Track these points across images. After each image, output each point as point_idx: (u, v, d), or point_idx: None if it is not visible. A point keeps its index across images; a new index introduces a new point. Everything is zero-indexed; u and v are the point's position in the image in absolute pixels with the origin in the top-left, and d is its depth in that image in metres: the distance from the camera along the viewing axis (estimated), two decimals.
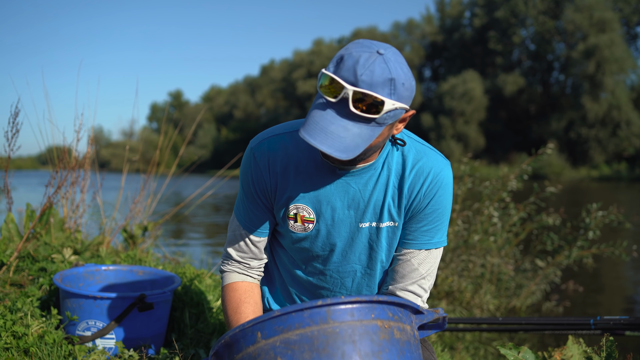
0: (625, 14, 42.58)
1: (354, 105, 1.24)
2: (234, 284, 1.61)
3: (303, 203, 1.51)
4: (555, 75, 45.53)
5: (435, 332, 1.40)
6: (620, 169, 37.92)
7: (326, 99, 1.28)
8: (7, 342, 2.04)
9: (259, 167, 1.52)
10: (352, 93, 1.24)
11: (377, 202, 1.49)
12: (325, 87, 1.27)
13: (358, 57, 1.25)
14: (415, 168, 1.48)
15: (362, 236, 1.53)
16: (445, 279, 4.75)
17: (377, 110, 1.25)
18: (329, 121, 1.26)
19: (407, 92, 1.30)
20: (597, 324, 2.38)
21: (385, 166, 1.49)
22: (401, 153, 1.49)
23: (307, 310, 1.15)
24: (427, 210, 1.49)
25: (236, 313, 1.55)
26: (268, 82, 59.14)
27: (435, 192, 1.48)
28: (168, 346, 2.49)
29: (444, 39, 49.09)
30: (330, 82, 1.26)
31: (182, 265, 3.71)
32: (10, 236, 3.10)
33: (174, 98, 73.02)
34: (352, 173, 1.47)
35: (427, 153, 1.50)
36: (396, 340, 1.19)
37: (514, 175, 4.96)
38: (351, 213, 1.50)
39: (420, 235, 1.52)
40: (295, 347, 1.13)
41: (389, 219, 1.51)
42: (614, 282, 6.85)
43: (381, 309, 1.20)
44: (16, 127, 3.07)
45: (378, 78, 1.24)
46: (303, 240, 1.56)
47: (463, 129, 40.86)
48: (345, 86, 1.24)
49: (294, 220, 1.53)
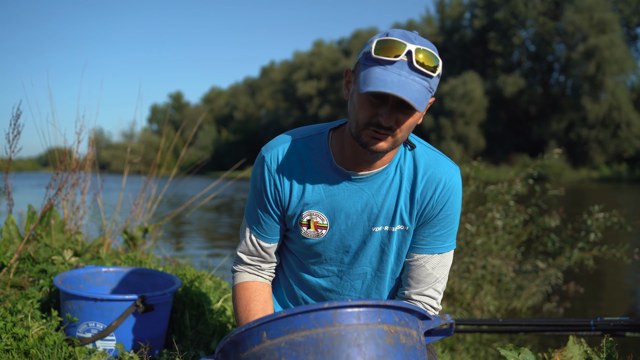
0: (625, 15, 42.58)
1: (416, 62, 1.28)
2: (245, 283, 1.62)
3: (317, 210, 1.51)
4: (555, 76, 45.52)
5: (441, 337, 1.39)
6: (620, 170, 37.88)
7: (385, 59, 1.28)
8: (7, 344, 2.04)
9: (271, 174, 1.52)
10: (415, 49, 1.28)
11: (390, 206, 1.50)
12: (383, 49, 1.29)
13: (398, 30, 1.32)
14: (427, 174, 1.49)
15: (375, 239, 1.54)
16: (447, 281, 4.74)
17: (434, 69, 1.30)
18: (396, 77, 1.26)
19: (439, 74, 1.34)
20: (598, 325, 2.38)
21: (397, 170, 1.50)
22: (413, 158, 1.50)
23: (313, 312, 1.15)
24: (439, 216, 1.51)
25: (245, 310, 1.56)
26: (268, 83, 59.16)
27: (447, 199, 1.50)
28: (168, 348, 2.49)
29: (444, 40, 49.07)
30: (390, 44, 1.29)
31: (182, 266, 3.71)
32: (11, 238, 3.11)
33: (174, 100, 73.07)
34: (366, 178, 1.48)
35: (439, 159, 1.52)
36: (402, 345, 1.18)
37: (520, 179, 4.95)
38: (364, 217, 1.51)
39: (433, 240, 1.53)
40: (300, 349, 1.13)
41: (401, 223, 1.52)
42: (615, 283, 6.84)
43: (388, 314, 1.19)
44: (18, 128, 3.07)
45: (427, 44, 1.31)
46: (315, 245, 1.56)
47: (463, 130, 40.84)
48: (406, 43, 1.28)
49: (307, 227, 1.53)
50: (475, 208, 4.97)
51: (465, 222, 4.91)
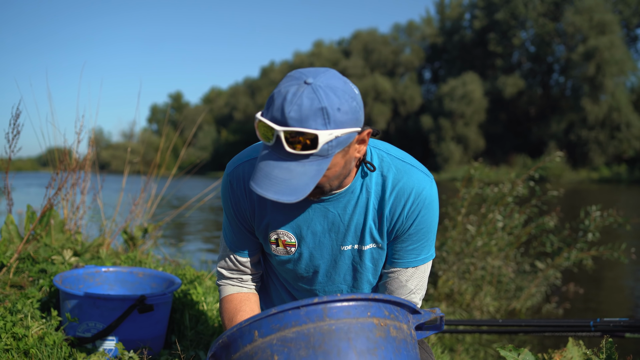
0: (625, 16, 42.60)
1: (288, 146, 1.20)
2: (229, 296, 1.61)
3: (283, 229, 1.49)
4: (555, 77, 45.56)
5: (433, 333, 1.40)
6: (620, 171, 37.89)
7: (265, 144, 1.25)
8: (7, 344, 2.04)
9: (235, 193, 1.49)
10: (283, 133, 1.20)
11: (358, 225, 1.46)
12: (261, 132, 1.24)
13: (285, 93, 1.21)
14: (396, 189, 1.42)
15: (345, 258, 1.51)
16: (447, 282, 4.75)
17: (314, 144, 1.20)
18: (272, 166, 1.23)
19: (346, 116, 1.23)
20: (597, 326, 2.38)
21: (364, 189, 1.44)
22: (380, 173, 1.44)
23: (303, 307, 1.16)
24: (411, 231, 1.45)
25: (232, 322, 1.54)
26: (268, 83, 59.13)
27: (418, 213, 1.43)
28: (168, 348, 2.49)
29: (444, 41, 49.12)
30: (262, 129, 1.24)
31: (182, 267, 3.71)
32: (11, 238, 3.11)
33: (174, 100, 73.10)
34: (330, 198, 1.44)
35: (408, 171, 1.43)
36: (392, 338, 1.19)
37: (522, 180, 4.95)
38: (332, 236, 1.48)
39: (406, 254, 1.49)
40: (291, 345, 1.14)
41: (372, 242, 1.48)
42: (614, 284, 6.85)
43: (377, 307, 1.21)
44: (17, 128, 3.07)
45: (307, 111, 1.19)
46: (287, 262, 1.55)
47: (463, 131, 40.86)
48: (274, 128, 1.20)
49: (275, 245, 1.52)
50: (478, 210, 4.97)
51: (466, 223, 4.91)
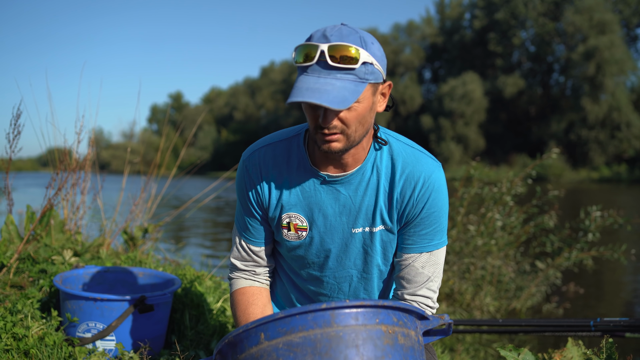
0: (625, 16, 42.60)
1: (331, 59, 1.26)
2: (242, 289, 1.62)
3: (295, 211, 1.51)
4: (555, 76, 45.55)
5: (440, 337, 1.39)
6: (620, 170, 37.89)
7: (304, 65, 1.29)
8: (7, 344, 2.04)
9: (251, 178, 1.53)
10: (327, 47, 1.26)
11: (369, 207, 1.48)
12: (303, 53, 1.30)
13: (324, 28, 1.32)
14: (405, 173, 1.46)
15: (356, 241, 1.52)
16: (447, 281, 4.75)
17: (354, 60, 1.27)
18: (313, 81, 1.27)
19: (379, 52, 1.32)
20: (597, 326, 2.38)
21: (374, 170, 1.47)
22: (390, 157, 1.48)
23: (311, 313, 1.14)
24: (422, 215, 1.48)
25: (245, 314, 1.56)
26: (268, 83, 59.18)
27: (428, 197, 1.46)
28: (168, 348, 2.49)
29: (444, 41, 49.09)
30: (305, 49, 1.29)
31: (182, 267, 3.71)
32: (11, 238, 3.11)
33: (174, 100, 73.09)
34: (340, 180, 1.46)
35: (417, 156, 1.48)
36: (400, 346, 1.18)
37: (520, 178, 4.95)
38: (343, 219, 1.50)
39: (419, 239, 1.50)
40: (297, 350, 1.12)
41: (382, 223, 1.50)
42: (614, 283, 6.85)
43: (386, 314, 1.18)
44: (18, 128, 3.07)
45: (347, 34, 1.29)
46: (297, 248, 1.56)
47: (463, 130, 40.84)
48: (319, 44, 1.27)
49: (287, 229, 1.54)
50: (478, 210, 4.97)
51: (467, 223, 4.91)
